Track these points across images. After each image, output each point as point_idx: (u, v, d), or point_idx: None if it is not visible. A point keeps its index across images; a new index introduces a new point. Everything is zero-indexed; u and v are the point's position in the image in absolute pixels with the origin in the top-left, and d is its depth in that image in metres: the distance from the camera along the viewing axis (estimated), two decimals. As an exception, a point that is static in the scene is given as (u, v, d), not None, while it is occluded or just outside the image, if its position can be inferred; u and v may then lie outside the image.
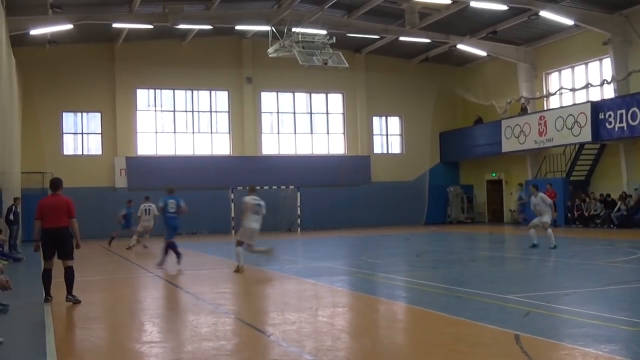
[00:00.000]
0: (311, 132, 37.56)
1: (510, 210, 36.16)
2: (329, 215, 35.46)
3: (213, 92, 35.82)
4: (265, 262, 16.20)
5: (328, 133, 37.92)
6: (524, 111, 33.71)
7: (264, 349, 7.67)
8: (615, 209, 28.41)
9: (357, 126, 37.93)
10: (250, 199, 15.19)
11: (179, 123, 35.25)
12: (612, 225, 28.18)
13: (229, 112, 35.77)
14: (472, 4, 28.19)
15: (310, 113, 37.63)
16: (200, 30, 32.07)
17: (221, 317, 9.85)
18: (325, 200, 35.51)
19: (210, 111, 35.76)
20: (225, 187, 32.78)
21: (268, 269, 16.29)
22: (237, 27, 31.88)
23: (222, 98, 35.92)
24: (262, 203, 15.39)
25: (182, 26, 30.30)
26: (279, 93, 36.97)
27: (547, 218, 18.69)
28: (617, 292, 10.91)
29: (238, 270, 15.14)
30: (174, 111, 35.17)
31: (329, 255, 20.07)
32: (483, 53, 35.16)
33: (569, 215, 30.29)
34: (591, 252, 19.11)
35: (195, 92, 35.47)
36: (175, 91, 35.17)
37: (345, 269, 15.92)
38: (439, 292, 11.47)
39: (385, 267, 16.10)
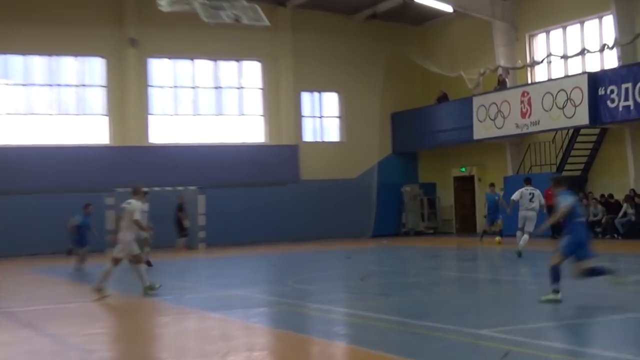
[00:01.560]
0: (219, 114, 37.40)
1: (486, 217, 36.72)
2: (244, 225, 35.27)
3: (84, 59, 35.23)
4: (156, 293, 16.02)
5: (242, 115, 37.83)
6: (501, 85, 34.26)
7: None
8: (621, 214, 29.15)
9: (280, 105, 37.94)
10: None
11: (35, 101, 34.49)
12: (616, 235, 28.92)
13: (107, 86, 35.29)
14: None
15: (218, 88, 37.46)
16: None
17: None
18: (239, 205, 35.31)
19: (80, 85, 35.16)
20: (101, 188, 32.24)
21: (160, 299, 16.09)
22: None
23: (96, 67, 35.38)
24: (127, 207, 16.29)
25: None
26: (175, 60, 36.71)
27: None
28: (624, 323, 11.12)
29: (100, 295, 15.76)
30: (28, 85, 34.41)
31: (244, 281, 19.97)
32: (448, 8, 35.61)
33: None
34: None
35: (58, 58, 34.78)
36: (31, 57, 34.43)
37: (266, 299, 15.86)
38: (391, 327, 11.51)
39: (320, 295, 16.08)
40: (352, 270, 21.85)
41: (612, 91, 28.34)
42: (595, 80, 29.12)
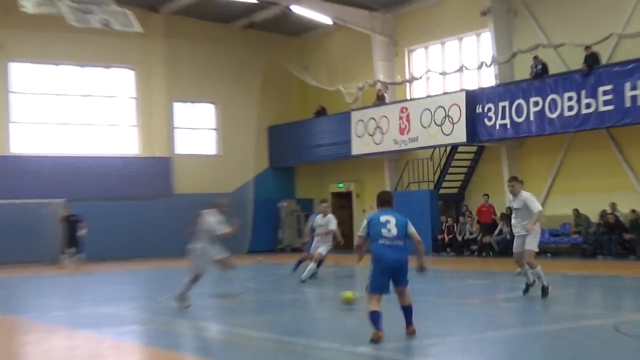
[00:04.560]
0: (88, 123, 36.81)
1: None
2: (115, 240, 34.68)
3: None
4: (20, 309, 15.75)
5: (113, 125, 37.40)
6: (380, 100, 34.86)
7: None
8: (497, 232, 30.09)
9: (153, 115, 37.73)
10: None
11: None
12: (491, 253, 29.86)
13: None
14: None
15: (86, 96, 36.85)
16: None
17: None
18: (109, 219, 34.74)
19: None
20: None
21: (24, 317, 15.89)
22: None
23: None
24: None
25: None
26: (39, 65, 35.95)
27: None
28: (498, 340, 11.64)
29: None
30: None
31: (114, 297, 19.78)
32: (327, 20, 36.03)
33: (438, 239, 31.68)
34: (465, 288, 20.18)
35: None
36: None
37: (137, 316, 15.81)
38: (266, 344, 11.68)
39: (193, 312, 16.08)
40: (228, 286, 21.93)
41: (489, 109, 29.36)
42: (473, 97, 30.09)
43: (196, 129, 39.53)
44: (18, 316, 16.36)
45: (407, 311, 11.17)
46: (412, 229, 11.27)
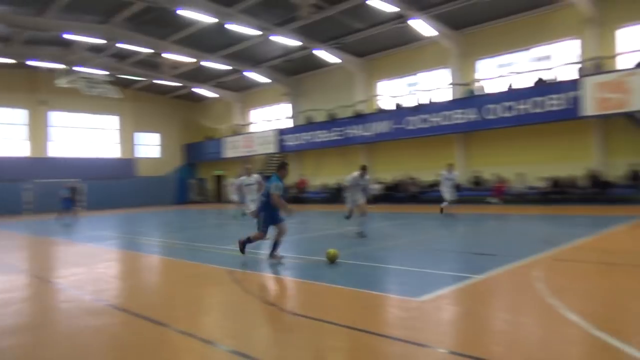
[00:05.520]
0: (94, 141, 33.88)
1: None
2: (106, 199, 32.52)
3: (16, 110, 30.35)
4: (53, 234, 14.39)
5: (106, 142, 34.58)
6: (236, 133, 34.37)
7: (53, 295, 6.88)
8: (293, 194, 30.34)
9: (128, 138, 35.31)
10: None
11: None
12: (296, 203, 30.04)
13: (29, 125, 30.78)
14: (203, 63, 28.14)
15: (93, 128, 33.92)
16: (3, 63, 27.09)
17: (16, 275, 8.54)
18: (102, 189, 32.52)
19: (12, 124, 30.31)
20: (22, 179, 28.51)
21: (59, 238, 14.53)
22: (30, 63, 27.41)
23: (22, 114, 30.63)
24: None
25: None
26: (69, 113, 32.65)
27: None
28: (307, 239, 11.69)
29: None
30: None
31: (106, 227, 18.51)
32: (213, 95, 35.08)
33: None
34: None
35: (4, 109, 29.95)
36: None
37: (118, 235, 14.85)
38: (182, 247, 11.30)
39: (146, 233, 15.35)
40: (162, 220, 21.05)
41: (289, 137, 29.46)
42: (281, 132, 29.98)
43: (149, 145, 37.33)
44: (53, 238, 14.95)
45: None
46: (269, 188, 8.76)
